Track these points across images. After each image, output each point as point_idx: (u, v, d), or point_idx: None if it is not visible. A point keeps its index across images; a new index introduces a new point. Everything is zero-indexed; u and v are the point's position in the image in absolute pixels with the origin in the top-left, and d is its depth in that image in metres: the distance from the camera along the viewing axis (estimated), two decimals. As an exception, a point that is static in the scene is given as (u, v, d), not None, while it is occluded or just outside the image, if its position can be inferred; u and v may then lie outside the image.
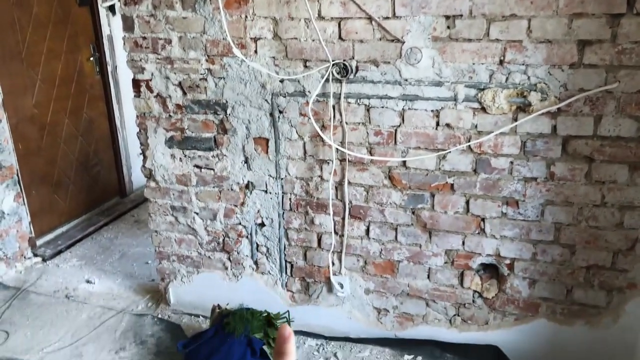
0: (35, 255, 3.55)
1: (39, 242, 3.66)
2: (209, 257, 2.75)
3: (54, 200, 3.83)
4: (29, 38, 3.49)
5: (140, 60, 2.50)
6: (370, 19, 2.11)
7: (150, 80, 2.52)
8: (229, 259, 2.72)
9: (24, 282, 3.29)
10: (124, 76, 4.15)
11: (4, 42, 3.30)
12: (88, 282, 3.27)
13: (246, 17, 2.27)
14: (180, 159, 2.61)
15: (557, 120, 2.02)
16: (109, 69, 4.17)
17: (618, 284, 2.13)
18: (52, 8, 3.65)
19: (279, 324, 2.49)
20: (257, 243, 2.64)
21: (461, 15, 2.00)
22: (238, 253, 2.68)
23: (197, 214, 2.69)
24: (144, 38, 2.46)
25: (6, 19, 3.31)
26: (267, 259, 2.65)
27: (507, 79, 2.03)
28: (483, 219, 2.22)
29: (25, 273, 3.40)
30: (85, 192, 4.12)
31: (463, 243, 2.28)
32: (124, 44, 2.51)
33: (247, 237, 2.64)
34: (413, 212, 2.32)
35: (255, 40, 2.30)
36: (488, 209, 2.20)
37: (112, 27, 4.12)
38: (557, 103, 1.98)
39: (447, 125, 2.14)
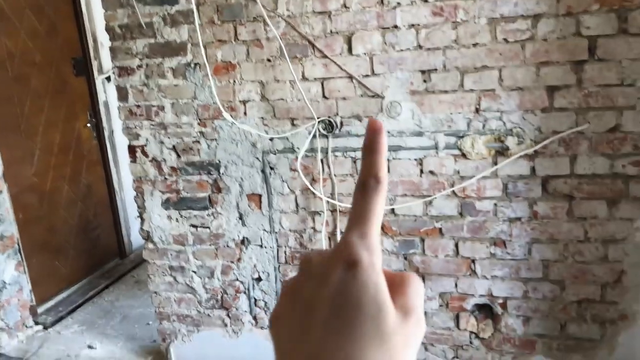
0: (37, 323, 3.56)
1: (40, 310, 3.67)
2: (208, 314, 2.78)
3: (55, 266, 3.87)
4: (28, 110, 3.63)
5: (135, 127, 2.62)
6: (351, 77, 2.24)
7: (145, 145, 2.62)
8: (228, 315, 2.75)
9: (25, 351, 3.29)
10: (121, 140, 4.27)
11: (3, 116, 3.43)
12: (90, 347, 3.27)
13: (234, 81, 2.40)
14: (176, 219, 2.68)
15: (535, 162, 2.11)
16: (106, 134, 4.30)
17: (610, 317, 2.17)
18: (49, 80, 3.81)
19: None
20: (254, 298, 2.68)
21: (436, 70, 2.13)
22: (237, 309, 2.72)
23: (195, 272, 2.74)
24: (138, 106, 2.58)
25: (5, 93, 3.45)
26: (265, 313, 2.68)
27: (484, 125, 2.13)
28: (473, 261, 2.28)
29: (27, 342, 3.41)
30: (86, 256, 4.16)
31: (456, 285, 2.33)
32: (119, 112, 2.63)
33: (244, 292, 2.68)
34: (405, 258, 2.38)
35: (244, 102, 2.42)
36: (477, 250, 2.26)
37: (107, 93, 4.28)
38: (533, 146, 2.08)
39: (431, 172, 2.24)
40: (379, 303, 0.32)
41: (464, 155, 2.18)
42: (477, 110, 2.13)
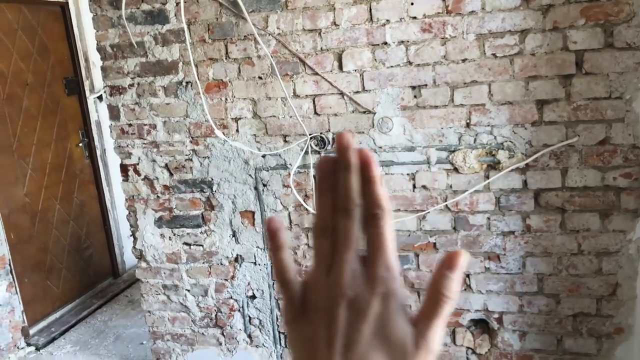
0: (29, 344, 3.51)
1: (32, 331, 3.63)
2: (203, 333, 2.75)
3: (47, 286, 3.83)
4: (19, 130, 3.62)
5: (127, 146, 2.61)
6: (342, 94, 2.25)
7: (138, 164, 2.62)
8: (222, 334, 2.72)
9: (17, 373, 3.24)
10: (113, 159, 4.26)
11: (-5, 136, 3.42)
12: (83, 368, 3.23)
13: (226, 99, 2.41)
14: (169, 237, 2.67)
15: (527, 175, 2.12)
16: (98, 152, 4.29)
17: (606, 330, 2.16)
18: (41, 100, 3.80)
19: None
20: (249, 316, 2.65)
21: (426, 85, 2.14)
22: (231, 327, 2.69)
23: (188, 291, 2.71)
24: (130, 125, 2.58)
25: (-3, 114, 3.45)
26: (260, 331, 2.66)
27: (475, 140, 2.14)
28: (468, 275, 2.28)
29: (18, 364, 3.36)
30: (78, 276, 4.13)
31: (451, 300, 2.32)
32: (111, 131, 2.63)
33: (239, 310, 2.66)
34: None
35: (236, 120, 2.42)
36: (471, 264, 2.26)
37: (99, 112, 4.27)
38: (524, 159, 2.09)
39: (424, 187, 2.24)
40: (405, 329, 0.37)
41: (456, 170, 2.18)
42: (467, 125, 2.14)
